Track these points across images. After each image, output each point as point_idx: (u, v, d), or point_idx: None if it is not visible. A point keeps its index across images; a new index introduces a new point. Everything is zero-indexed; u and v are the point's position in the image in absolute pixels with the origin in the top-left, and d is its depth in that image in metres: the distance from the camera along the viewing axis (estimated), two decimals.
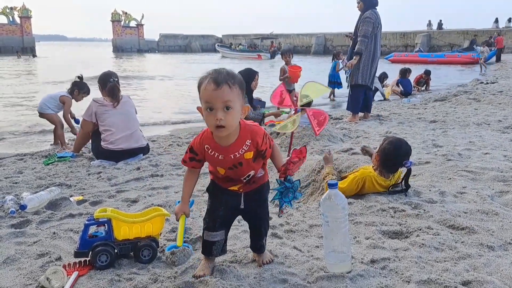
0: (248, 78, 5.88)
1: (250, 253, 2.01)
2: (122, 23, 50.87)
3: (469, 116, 6.24)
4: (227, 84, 1.57)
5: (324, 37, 43.49)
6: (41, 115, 5.28)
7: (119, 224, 1.99)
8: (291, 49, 8.29)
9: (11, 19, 41.48)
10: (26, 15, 41.94)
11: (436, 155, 3.74)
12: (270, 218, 2.05)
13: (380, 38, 6.29)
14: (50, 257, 2.06)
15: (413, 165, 2.82)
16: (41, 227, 2.52)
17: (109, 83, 4.33)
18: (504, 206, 2.53)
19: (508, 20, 32.99)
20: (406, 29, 45.38)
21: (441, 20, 37.30)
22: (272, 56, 34.64)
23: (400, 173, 2.75)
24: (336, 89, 10.57)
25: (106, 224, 1.98)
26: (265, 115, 6.33)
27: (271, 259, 1.94)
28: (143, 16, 52.27)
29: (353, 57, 6.20)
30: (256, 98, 6.90)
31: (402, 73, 10.71)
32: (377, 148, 2.75)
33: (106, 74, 4.46)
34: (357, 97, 6.36)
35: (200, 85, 1.60)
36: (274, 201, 1.95)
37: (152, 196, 3.14)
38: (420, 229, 2.20)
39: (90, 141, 4.50)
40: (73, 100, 5.22)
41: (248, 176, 1.78)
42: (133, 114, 4.47)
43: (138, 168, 3.99)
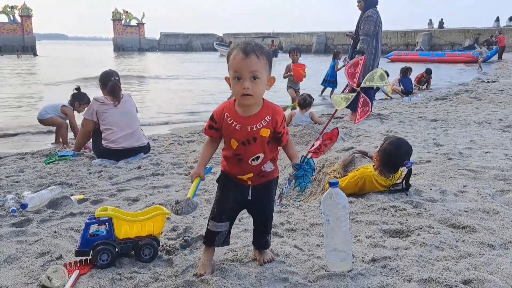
0: None
1: (251, 252, 2.01)
2: (123, 22, 50.75)
3: (470, 115, 6.23)
4: (255, 54, 1.62)
5: (325, 36, 43.40)
6: (42, 121, 5.28)
7: (120, 223, 1.99)
8: (299, 48, 8.29)
9: (12, 18, 41.41)
10: (26, 14, 41.87)
11: (437, 154, 3.74)
12: None
13: (381, 37, 6.28)
14: (51, 256, 2.06)
15: (414, 164, 2.81)
16: (42, 226, 2.52)
17: (110, 82, 4.33)
18: (505, 205, 2.53)
19: (509, 19, 32.98)
20: (407, 28, 45.22)
21: (442, 19, 37.32)
22: (273, 55, 34.62)
23: (401, 172, 2.75)
24: (333, 88, 10.54)
25: (107, 223, 1.99)
26: None
27: (272, 258, 1.94)
28: (144, 15, 52.23)
29: (356, 56, 6.19)
30: None
31: (403, 72, 10.70)
32: (378, 148, 2.74)
33: (107, 73, 4.46)
34: (358, 95, 6.33)
35: (229, 55, 1.67)
36: (294, 186, 1.89)
37: (153, 195, 3.15)
38: (421, 228, 2.20)
39: (90, 140, 4.51)
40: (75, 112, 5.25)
41: (257, 158, 1.76)
42: (134, 113, 4.47)
43: (139, 167, 3.99)
